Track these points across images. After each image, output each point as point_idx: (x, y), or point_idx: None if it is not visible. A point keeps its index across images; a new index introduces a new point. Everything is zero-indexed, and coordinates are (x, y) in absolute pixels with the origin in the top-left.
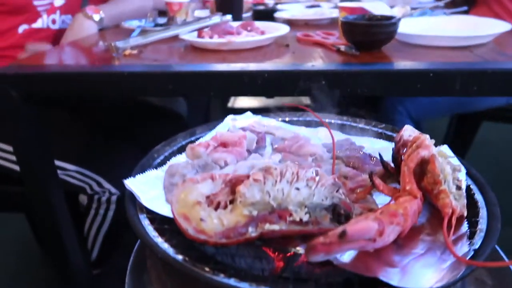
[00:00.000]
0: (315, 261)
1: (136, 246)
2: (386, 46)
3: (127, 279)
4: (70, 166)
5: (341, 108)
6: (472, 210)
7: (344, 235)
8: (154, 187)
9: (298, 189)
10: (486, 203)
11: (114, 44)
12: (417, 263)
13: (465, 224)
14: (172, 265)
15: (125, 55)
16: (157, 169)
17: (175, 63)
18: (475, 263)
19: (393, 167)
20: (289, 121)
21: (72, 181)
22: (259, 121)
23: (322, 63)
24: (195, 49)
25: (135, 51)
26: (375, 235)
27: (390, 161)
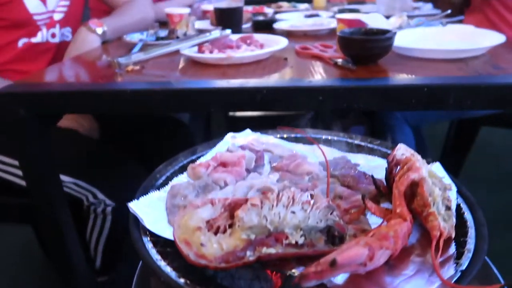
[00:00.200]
0: (308, 286)
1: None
2: (382, 59)
3: None
4: (67, 178)
5: (339, 116)
6: (461, 229)
7: (335, 263)
8: (157, 208)
9: (294, 213)
10: (475, 223)
11: (116, 61)
12: (407, 285)
13: (453, 245)
14: None
15: (127, 71)
16: (159, 189)
17: (176, 78)
18: (459, 287)
19: (385, 186)
20: (287, 137)
21: (70, 192)
22: (257, 138)
23: (319, 78)
24: (195, 63)
25: (137, 67)
26: (365, 260)
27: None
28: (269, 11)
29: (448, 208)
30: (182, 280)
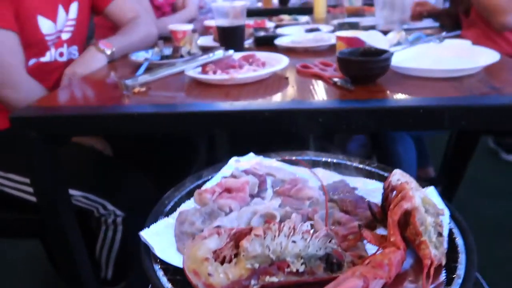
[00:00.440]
0: None
1: None
2: (381, 78)
3: None
4: (76, 192)
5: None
6: (453, 254)
7: None
8: (166, 236)
9: (295, 242)
10: (466, 248)
11: (123, 83)
12: None
13: (443, 272)
14: None
15: (134, 92)
16: (168, 216)
17: (182, 98)
18: None
19: (381, 212)
20: (288, 160)
21: (80, 204)
22: (260, 162)
23: (319, 99)
24: (200, 83)
25: (143, 88)
26: None
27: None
28: (270, 25)
29: (439, 234)
30: None
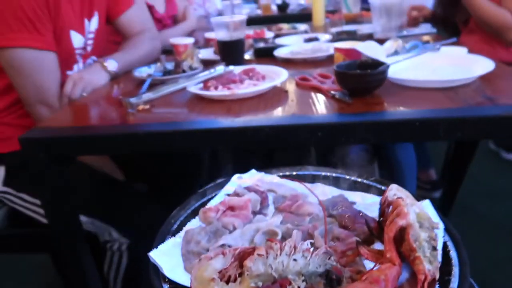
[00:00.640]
0: None
1: None
2: (378, 89)
3: None
4: (83, 218)
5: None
6: (447, 267)
7: None
8: (174, 255)
9: (296, 260)
10: (459, 261)
11: (128, 101)
12: None
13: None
14: None
15: (138, 110)
16: (175, 236)
17: (184, 115)
18: None
19: (378, 227)
20: (289, 175)
21: (87, 229)
22: (261, 178)
23: (318, 113)
24: (202, 99)
25: (147, 106)
26: None
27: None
28: (269, 35)
29: (434, 248)
30: None
